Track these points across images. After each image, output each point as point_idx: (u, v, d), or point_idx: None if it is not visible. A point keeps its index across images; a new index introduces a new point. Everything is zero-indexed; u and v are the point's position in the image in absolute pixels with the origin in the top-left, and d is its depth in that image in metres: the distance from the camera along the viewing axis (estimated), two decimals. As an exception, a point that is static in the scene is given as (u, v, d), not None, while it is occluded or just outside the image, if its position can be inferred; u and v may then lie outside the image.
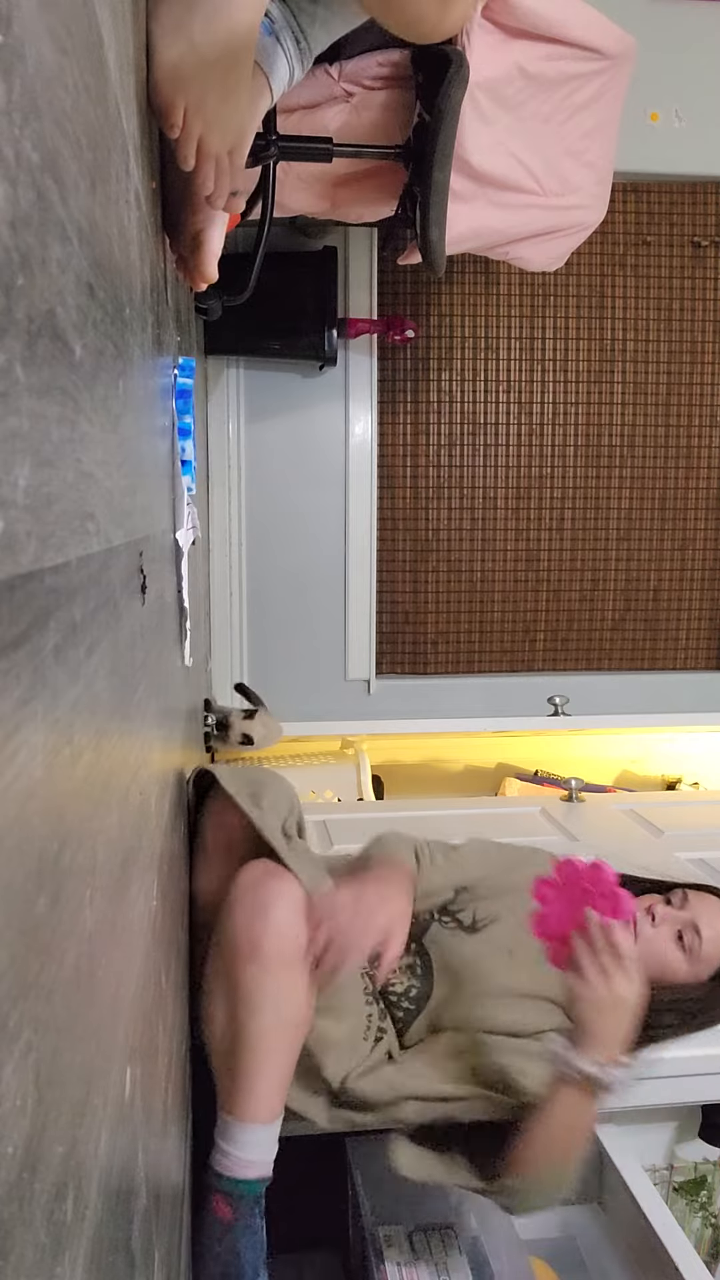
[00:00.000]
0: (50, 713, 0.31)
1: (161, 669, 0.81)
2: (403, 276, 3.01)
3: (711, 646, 3.34)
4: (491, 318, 3.10)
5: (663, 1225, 1.45)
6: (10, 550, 0.26)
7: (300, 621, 3.09)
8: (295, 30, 0.97)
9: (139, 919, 0.59)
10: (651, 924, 1.31)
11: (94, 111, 0.41)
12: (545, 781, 3.23)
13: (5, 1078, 0.25)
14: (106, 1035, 0.43)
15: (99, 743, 0.42)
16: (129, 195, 0.57)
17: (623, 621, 3.30)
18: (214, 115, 0.79)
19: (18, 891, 0.27)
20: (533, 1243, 1.54)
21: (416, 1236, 1.37)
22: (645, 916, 1.32)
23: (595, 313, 3.13)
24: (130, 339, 0.57)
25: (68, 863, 0.34)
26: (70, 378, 0.35)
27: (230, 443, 2.97)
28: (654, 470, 3.22)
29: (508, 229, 1.86)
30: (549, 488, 3.19)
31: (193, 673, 1.49)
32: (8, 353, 0.25)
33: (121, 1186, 0.48)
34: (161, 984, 0.76)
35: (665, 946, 1.30)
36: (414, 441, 3.12)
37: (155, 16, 0.73)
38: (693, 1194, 1.81)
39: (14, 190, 0.26)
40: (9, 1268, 0.26)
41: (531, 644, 3.26)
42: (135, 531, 0.59)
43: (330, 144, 1.68)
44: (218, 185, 0.84)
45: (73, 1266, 0.34)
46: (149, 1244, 0.61)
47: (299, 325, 2.75)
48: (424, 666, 3.21)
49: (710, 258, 3.14)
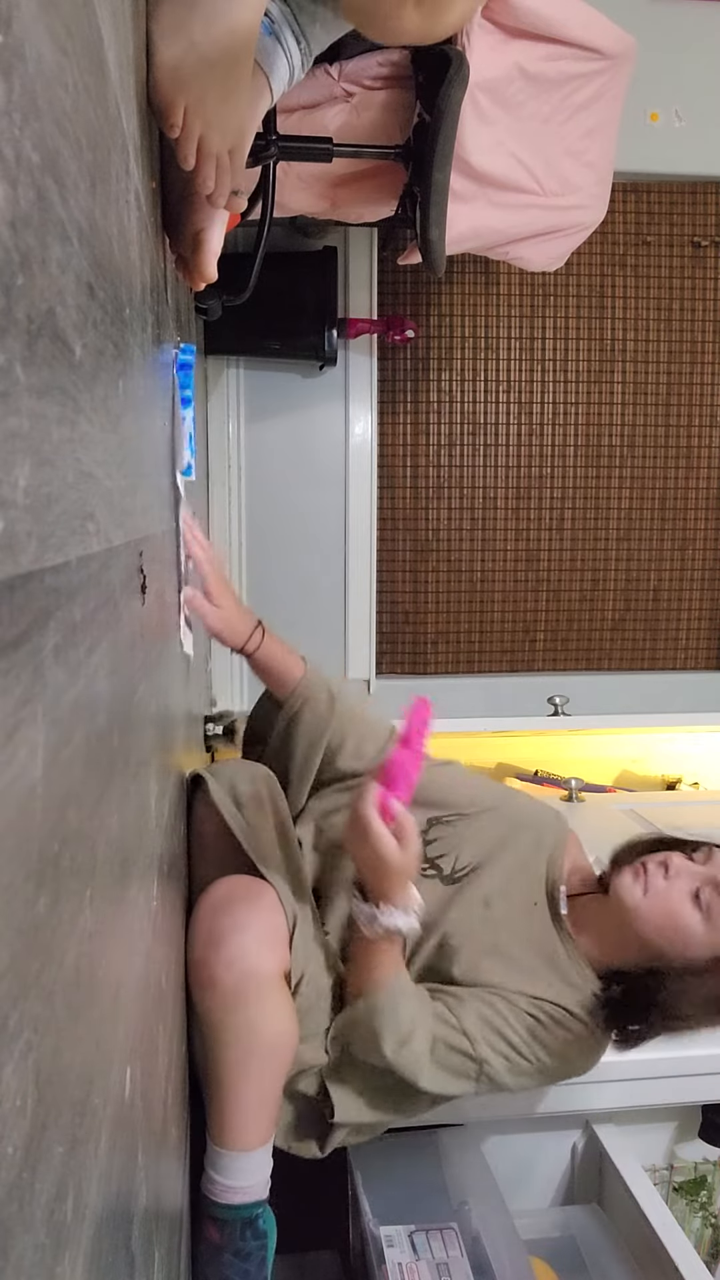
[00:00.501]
0: (50, 713, 0.31)
1: (161, 669, 0.81)
2: (403, 276, 3.01)
3: (711, 646, 3.34)
4: (491, 318, 3.10)
5: (663, 1225, 1.45)
6: (10, 550, 0.26)
7: (300, 621, 3.08)
8: (295, 30, 0.97)
9: (139, 919, 0.59)
10: (664, 876, 1.15)
11: (94, 111, 0.41)
12: (545, 781, 3.23)
13: (5, 1078, 0.25)
14: (106, 1035, 0.43)
15: (99, 743, 0.42)
16: (129, 195, 0.57)
17: (623, 621, 3.30)
18: (214, 114, 0.79)
19: (18, 891, 0.27)
20: (533, 1243, 1.54)
21: (417, 1236, 1.37)
22: (659, 868, 1.16)
23: (595, 313, 3.13)
24: (130, 339, 0.57)
25: (68, 863, 0.34)
26: (70, 378, 0.35)
27: (230, 443, 2.97)
28: (654, 470, 3.22)
29: (508, 229, 1.86)
30: (549, 488, 3.19)
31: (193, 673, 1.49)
32: (8, 353, 0.25)
33: (121, 1186, 0.48)
34: (161, 984, 0.76)
35: (678, 903, 1.13)
36: (414, 441, 3.12)
37: (155, 16, 0.73)
38: (693, 1194, 1.81)
39: (14, 190, 0.26)
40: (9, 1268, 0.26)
41: (531, 644, 3.26)
42: (135, 531, 0.59)
43: (330, 144, 1.68)
44: (218, 184, 0.84)
45: (73, 1266, 0.34)
46: (149, 1244, 0.61)
47: (299, 325, 2.74)
48: (424, 666, 3.21)
49: (710, 258, 3.14)
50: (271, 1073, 1.06)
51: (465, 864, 1.26)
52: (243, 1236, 1.06)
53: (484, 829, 1.30)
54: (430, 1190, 1.49)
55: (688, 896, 1.14)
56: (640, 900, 1.16)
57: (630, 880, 1.18)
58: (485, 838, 1.29)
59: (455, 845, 1.28)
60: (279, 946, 1.08)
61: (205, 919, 1.06)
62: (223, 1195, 1.06)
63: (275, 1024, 1.05)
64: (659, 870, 1.17)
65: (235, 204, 0.88)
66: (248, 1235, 1.07)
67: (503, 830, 1.31)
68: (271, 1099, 1.08)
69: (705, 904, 1.13)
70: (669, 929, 1.14)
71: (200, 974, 1.04)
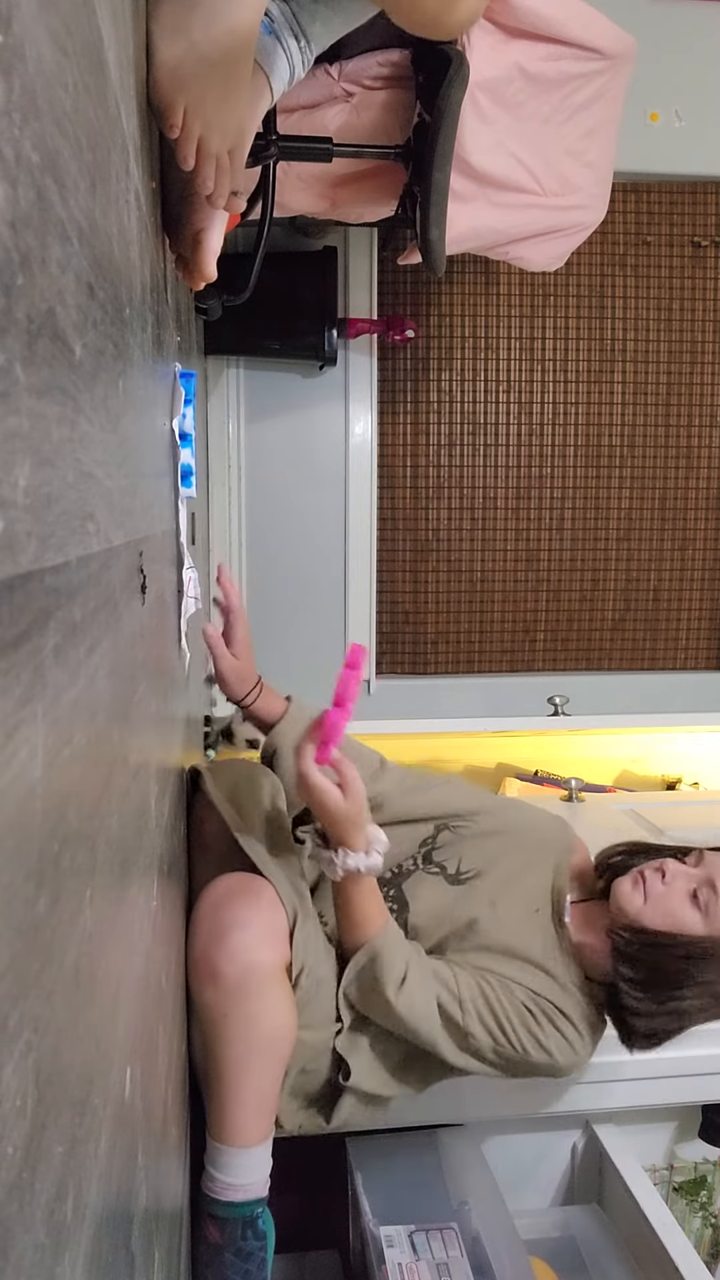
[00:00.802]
0: (50, 713, 0.31)
1: (161, 669, 0.81)
2: (403, 276, 3.01)
3: (711, 646, 3.34)
4: (491, 318, 3.10)
5: (663, 1225, 1.45)
6: (10, 550, 0.26)
7: (300, 621, 3.09)
8: (295, 29, 0.97)
9: (139, 919, 0.59)
10: (662, 880, 1.21)
11: (94, 111, 0.41)
12: (545, 781, 3.23)
13: (5, 1078, 0.25)
14: (106, 1035, 0.43)
15: (99, 743, 0.42)
16: (129, 195, 0.57)
17: (623, 621, 3.30)
18: (214, 115, 0.79)
19: (18, 891, 0.27)
20: (533, 1243, 1.54)
21: (417, 1236, 1.37)
22: (655, 874, 1.22)
23: (595, 313, 3.13)
24: (130, 339, 0.57)
25: (68, 863, 0.34)
26: (70, 378, 0.35)
27: (230, 443, 2.97)
28: (654, 470, 3.22)
29: (508, 229, 1.86)
30: (549, 488, 3.19)
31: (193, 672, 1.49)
32: (8, 353, 0.25)
33: (121, 1186, 0.48)
34: (161, 984, 0.76)
35: (678, 904, 1.19)
36: (414, 441, 3.12)
37: (155, 16, 0.73)
38: (693, 1194, 1.81)
39: (14, 190, 0.26)
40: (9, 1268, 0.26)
41: (531, 644, 3.26)
42: (135, 531, 0.59)
43: (330, 144, 1.68)
44: (218, 185, 0.84)
45: (73, 1266, 0.34)
46: (149, 1244, 0.61)
47: (299, 325, 2.75)
48: (424, 666, 3.21)
49: (710, 258, 3.14)
50: (272, 1068, 1.07)
51: (471, 867, 1.29)
52: (243, 1236, 1.06)
53: (490, 835, 1.33)
54: (430, 1190, 1.49)
55: (686, 898, 1.20)
56: (642, 907, 1.21)
57: (630, 888, 1.22)
58: (491, 844, 1.32)
59: (461, 850, 1.31)
60: (280, 942, 1.09)
61: (207, 915, 1.07)
62: (223, 1193, 1.06)
63: (277, 1018, 1.06)
64: (656, 876, 1.22)
65: (234, 204, 0.88)
66: (248, 1235, 1.07)
67: (509, 838, 1.33)
68: (271, 1095, 1.08)
69: (704, 903, 1.19)
70: (671, 930, 1.19)
71: (203, 969, 1.04)
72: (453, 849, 1.31)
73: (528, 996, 1.19)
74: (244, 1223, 1.06)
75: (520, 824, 1.37)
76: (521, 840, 1.34)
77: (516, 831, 1.35)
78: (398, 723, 3.09)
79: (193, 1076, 1.11)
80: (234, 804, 1.23)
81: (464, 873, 1.28)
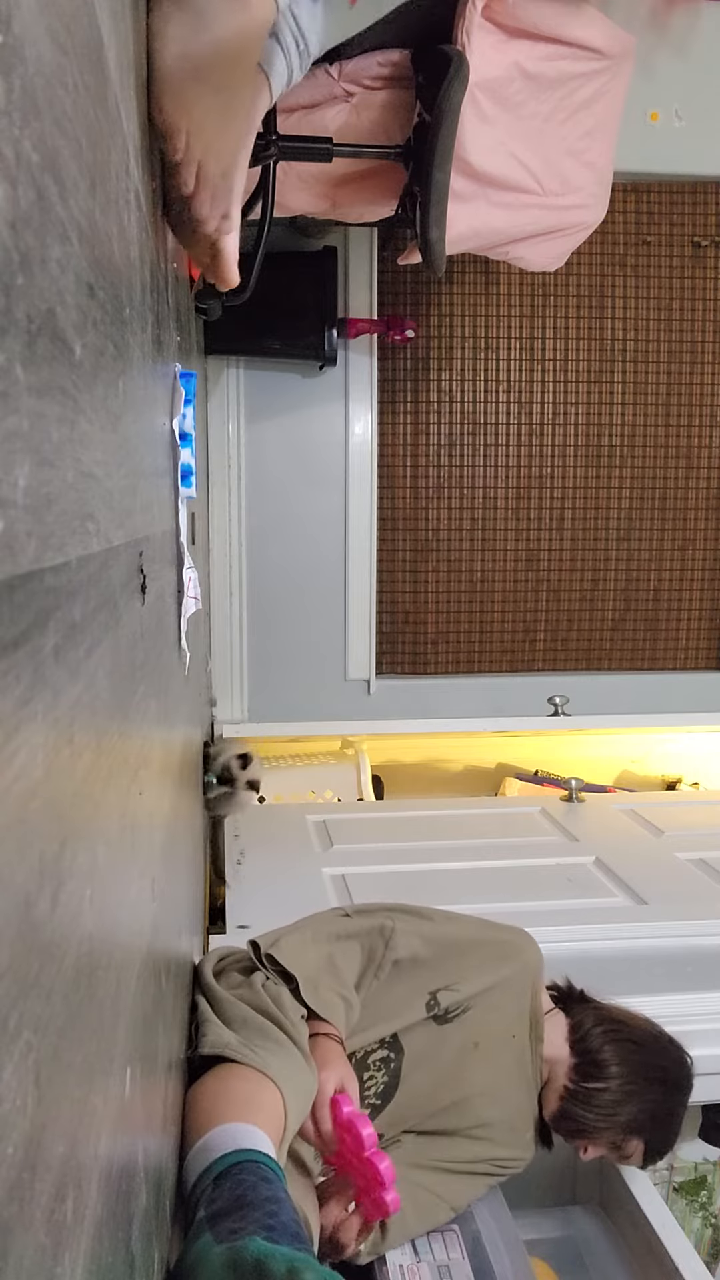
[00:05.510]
0: (50, 713, 0.31)
1: (161, 669, 0.81)
2: (403, 276, 3.00)
3: (711, 646, 3.34)
4: (491, 318, 3.10)
5: (663, 1225, 1.45)
6: (10, 550, 0.26)
7: (300, 621, 3.08)
8: (294, 30, 0.97)
9: (139, 918, 0.59)
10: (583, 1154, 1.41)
11: (94, 111, 0.41)
12: (545, 781, 3.23)
13: (5, 1078, 0.25)
14: (106, 1035, 0.43)
15: (99, 743, 0.42)
16: (129, 195, 0.57)
17: (622, 621, 3.30)
18: (214, 139, 0.79)
19: (18, 891, 0.27)
20: (533, 1243, 1.54)
21: (418, 1238, 1.37)
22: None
23: (595, 313, 3.13)
24: (130, 339, 0.57)
25: (68, 863, 0.34)
26: (70, 378, 0.35)
27: (230, 443, 2.97)
28: (654, 470, 3.22)
29: (508, 229, 1.86)
30: (549, 488, 3.19)
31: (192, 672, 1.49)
32: (8, 353, 0.25)
33: (121, 1186, 0.48)
34: (161, 984, 0.76)
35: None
36: (414, 441, 3.12)
37: (159, 35, 0.73)
38: (693, 1194, 1.81)
39: (14, 190, 0.26)
40: (9, 1268, 0.26)
41: (531, 644, 3.26)
42: (135, 531, 0.59)
43: (330, 144, 1.68)
44: (211, 209, 0.84)
45: (73, 1266, 0.34)
46: (149, 1244, 0.61)
47: (299, 325, 2.74)
48: (424, 667, 3.21)
49: (710, 258, 3.14)
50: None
51: (457, 1003, 1.35)
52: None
53: (473, 970, 1.38)
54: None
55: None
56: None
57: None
58: (475, 981, 1.37)
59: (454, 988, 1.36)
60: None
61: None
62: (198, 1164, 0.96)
63: None
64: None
65: (225, 227, 0.88)
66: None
67: (490, 973, 1.38)
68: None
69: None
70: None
71: None
72: (450, 994, 1.36)
73: (495, 1169, 1.39)
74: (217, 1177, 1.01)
75: (499, 952, 1.40)
76: (501, 969, 1.39)
77: (496, 961, 1.39)
78: (398, 723, 3.09)
79: (192, 1076, 1.11)
80: None
81: (450, 1010, 1.34)
